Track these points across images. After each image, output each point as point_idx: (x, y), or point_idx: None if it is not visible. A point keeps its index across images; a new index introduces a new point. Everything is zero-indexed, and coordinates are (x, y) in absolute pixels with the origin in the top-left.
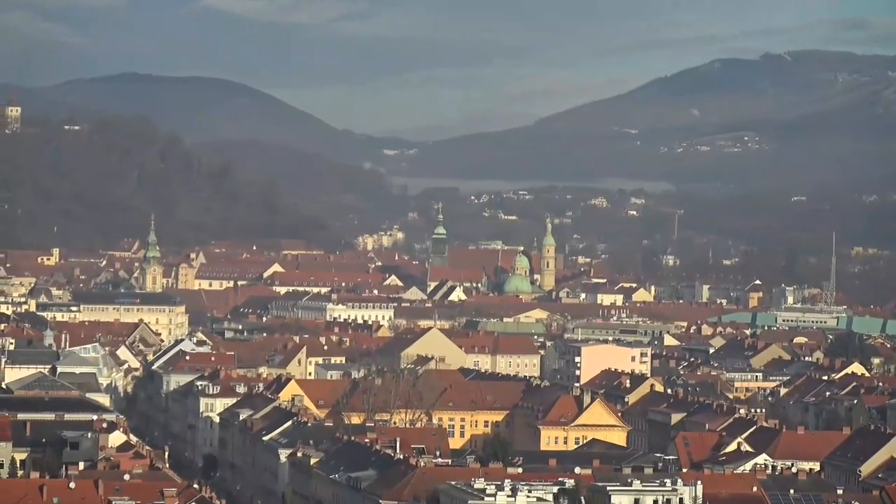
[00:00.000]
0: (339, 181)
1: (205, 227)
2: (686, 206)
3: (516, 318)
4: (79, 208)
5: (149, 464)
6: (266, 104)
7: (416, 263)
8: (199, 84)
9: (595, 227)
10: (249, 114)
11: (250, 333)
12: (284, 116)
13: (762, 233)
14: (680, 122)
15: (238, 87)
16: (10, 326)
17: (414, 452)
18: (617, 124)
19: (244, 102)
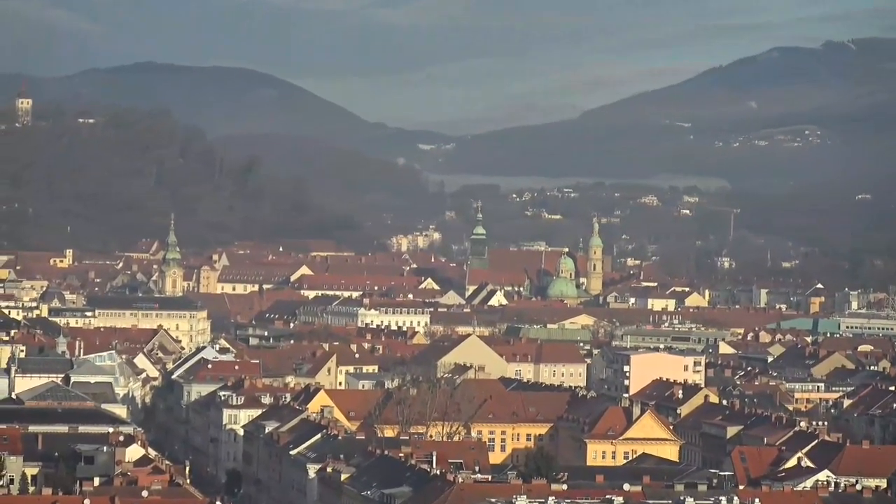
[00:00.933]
0: (372, 178)
1: (228, 227)
2: (742, 204)
3: (561, 325)
4: (93, 207)
5: (168, 479)
6: (293, 95)
7: (453, 266)
8: (221, 74)
9: (645, 226)
10: (275, 106)
11: (276, 340)
12: (313, 108)
13: (824, 233)
14: (736, 114)
15: (263, 78)
16: (20, 333)
17: (451, 468)
18: (669, 117)
19: (269, 94)
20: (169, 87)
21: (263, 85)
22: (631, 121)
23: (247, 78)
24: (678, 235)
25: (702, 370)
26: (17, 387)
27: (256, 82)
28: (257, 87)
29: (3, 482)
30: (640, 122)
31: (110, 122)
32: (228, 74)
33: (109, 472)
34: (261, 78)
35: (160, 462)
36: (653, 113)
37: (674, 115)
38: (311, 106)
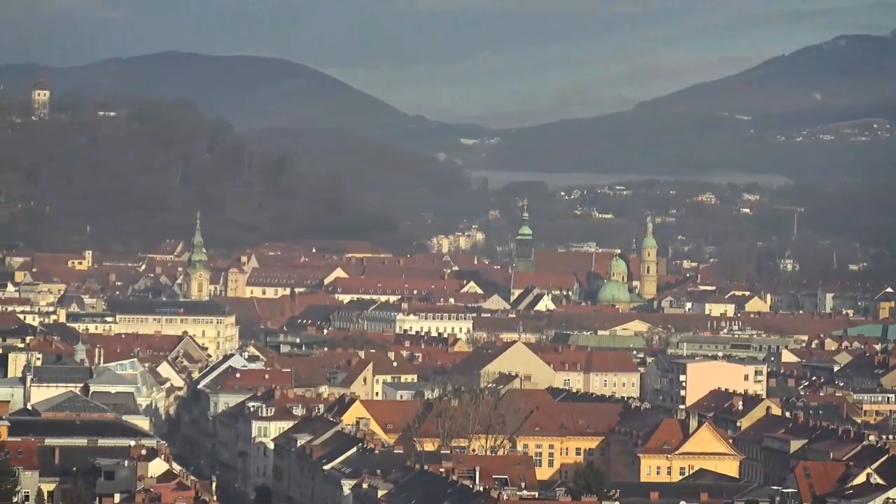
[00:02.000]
0: (411, 174)
1: (257, 227)
2: (806, 202)
3: (612, 331)
4: (114, 205)
5: (194, 496)
6: (326, 86)
7: (497, 268)
8: (249, 64)
9: (702, 226)
10: (307, 98)
11: (309, 348)
12: (347, 100)
13: (894, 234)
14: (799, 106)
15: (294, 67)
16: (36, 339)
17: (496, 484)
18: (728, 109)
19: (301, 85)
20: (194, 77)
21: (294, 75)
22: (687, 113)
23: (277, 68)
24: (738, 236)
25: (763, 380)
26: (32, 397)
27: (287, 72)
28: (288, 77)
29: (18, 499)
30: (697, 115)
31: (132, 115)
32: (257, 64)
33: (131, 487)
34: (292, 67)
35: (185, 477)
36: (711, 105)
37: (733, 108)
38: (345, 98)
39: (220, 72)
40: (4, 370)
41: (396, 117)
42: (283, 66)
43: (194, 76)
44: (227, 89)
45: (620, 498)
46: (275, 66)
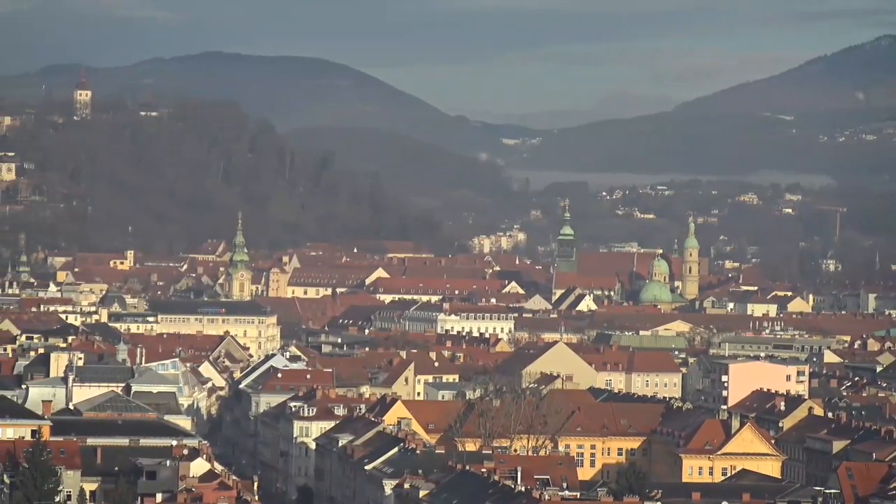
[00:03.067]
0: (452, 174)
1: (299, 227)
2: (849, 202)
3: (654, 331)
4: (157, 205)
5: (235, 496)
6: (369, 86)
7: (539, 268)
8: (292, 64)
9: (744, 227)
10: (350, 97)
11: (351, 348)
12: (390, 100)
13: None
14: (842, 106)
15: (337, 68)
16: (78, 339)
17: (537, 484)
18: (770, 109)
19: (344, 84)
20: (236, 77)
21: (337, 75)
22: (729, 113)
23: (319, 68)
24: (780, 236)
25: (805, 380)
26: (74, 397)
27: (329, 72)
28: (330, 77)
29: (60, 498)
30: (739, 115)
31: (175, 115)
32: (299, 64)
33: (173, 487)
34: (334, 68)
35: (227, 477)
36: (753, 105)
37: (775, 108)
38: (388, 98)
39: (262, 72)
40: (46, 370)
41: (438, 117)
42: (326, 67)
43: (237, 76)
44: (269, 89)
45: (662, 498)
46: (317, 66)
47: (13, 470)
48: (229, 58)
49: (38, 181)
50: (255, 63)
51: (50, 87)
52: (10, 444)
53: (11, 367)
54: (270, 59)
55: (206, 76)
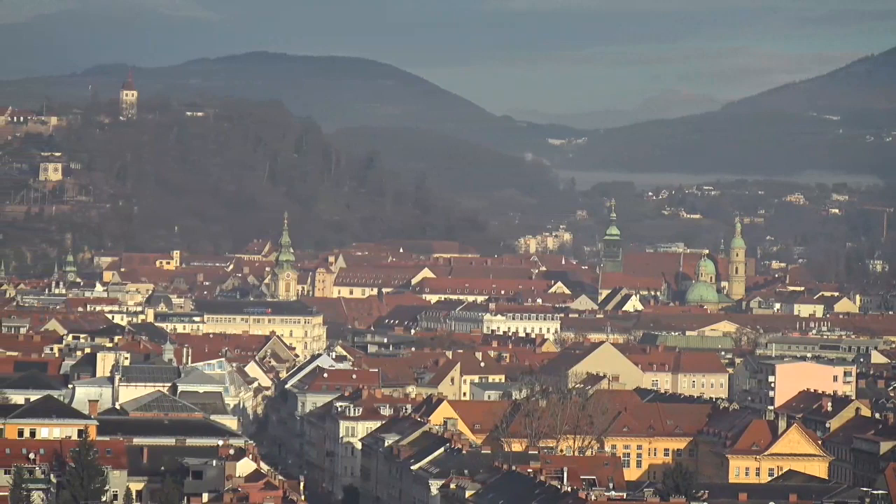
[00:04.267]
0: (498, 174)
1: (345, 227)
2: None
3: (700, 332)
4: (202, 205)
5: (282, 496)
6: (414, 86)
7: (585, 268)
8: (337, 64)
9: (791, 227)
10: (395, 97)
11: (396, 348)
12: (435, 100)
13: None
14: (889, 106)
15: (382, 68)
16: (125, 339)
17: (584, 484)
18: (816, 109)
19: (389, 85)
20: (282, 77)
21: (382, 75)
22: (776, 113)
23: (364, 67)
24: (827, 236)
25: (853, 381)
26: (121, 396)
27: (375, 72)
28: (376, 77)
29: (107, 498)
30: (785, 115)
31: (221, 115)
32: (345, 64)
33: (219, 487)
34: (379, 67)
35: (273, 477)
36: (799, 105)
37: (822, 108)
38: (433, 98)
39: (308, 71)
40: (93, 370)
41: (484, 117)
42: (371, 66)
43: (282, 76)
44: (315, 89)
45: (709, 499)
46: (363, 65)
47: (60, 469)
48: (274, 58)
49: (85, 181)
50: (300, 63)
51: (96, 87)
52: (57, 444)
53: (58, 366)
54: (315, 58)
55: (252, 76)
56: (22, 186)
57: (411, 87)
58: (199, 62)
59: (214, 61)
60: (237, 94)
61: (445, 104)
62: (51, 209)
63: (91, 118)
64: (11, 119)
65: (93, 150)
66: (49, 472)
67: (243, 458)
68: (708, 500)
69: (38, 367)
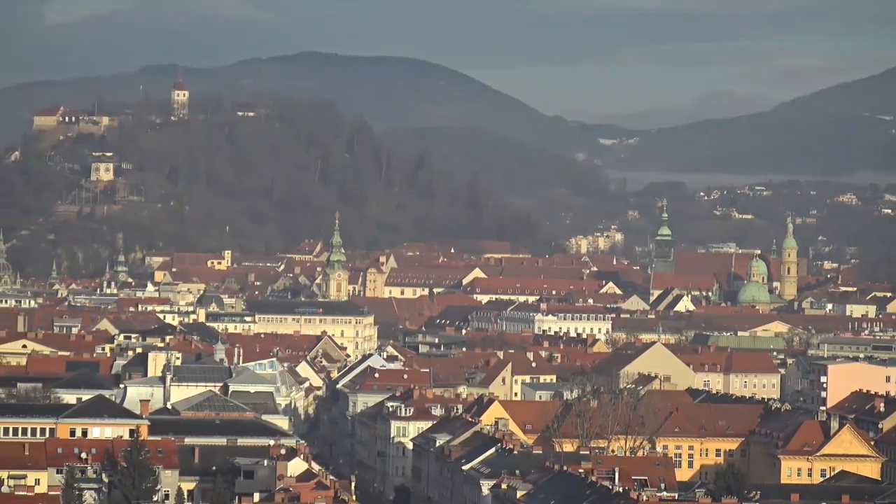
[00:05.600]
0: (549, 175)
1: (396, 227)
2: None
3: (752, 332)
4: (254, 205)
5: (333, 496)
6: (465, 87)
7: (636, 269)
8: (388, 64)
9: (843, 227)
10: (446, 98)
11: (448, 348)
12: (486, 101)
13: None
14: None
15: (433, 68)
16: (176, 339)
17: (635, 485)
18: (869, 109)
19: (440, 85)
20: (333, 78)
21: (433, 75)
22: (828, 113)
23: (415, 68)
24: (879, 237)
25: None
26: (172, 396)
27: (426, 73)
28: (426, 77)
29: (158, 497)
30: (837, 115)
31: (273, 115)
32: (396, 64)
33: (270, 487)
34: (430, 68)
35: (324, 477)
36: (852, 105)
37: (874, 108)
38: (484, 98)
39: (359, 72)
40: (144, 369)
41: (535, 118)
42: (422, 67)
43: (334, 76)
44: (366, 90)
45: (761, 500)
46: (414, 66)
47: (112, 469)
48: (326, 58)
49: (136, 181)
50: (351, 63)
51: (148, 87)
52: (109, 444)
53: (110, 366)
54: (367, 59)
55: (303, 76)
56: (74, 186)
57: (462, 87)
58: (250, 62)
59: (266, 62)
60: (288, 95)
61: (497, 104)
62: (102, 209)
63: (143, 118)
64: (63, 119)
65: (144, 150)
66: (101, 471)
67: (294, 458)
68: (760, 501)
69: (90, 367)
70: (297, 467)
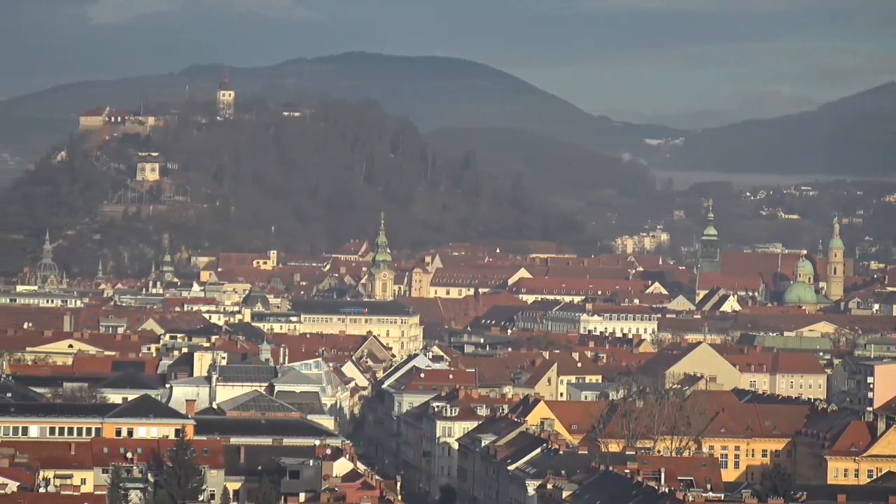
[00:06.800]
0: (595, 174)
1: (442, 227)
2: None
3: (798, 332)
4: (299, 205)
5: (378, 496)
6: (510, 86)
7: (682, 269)
8: (433, 64)
9: (890, 227)
10: (491, 98)
11: (493, 348)
12: (531, 100)
13: None
14: None
15: (478, 68)
16: (222, 339)
17: (681, 485)
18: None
19: (485, 85)
20: (379, 77)
21: (478, 75)
22: (874, 113)
23: (460, 68)
24: None
25: None
26: (218, 396)
27: (470, 73)
28: (471, 77)
29: (204, 497)
30: (884, 115)
31: (318, 115)
32: (440, 64)
33: (316, 487)
34: (475, 68)
35: (370, 477)
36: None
37: None
38: (529, 98)
39: (404, 72)
40: (190, 369)
41: (581, 118)
42: (468, 67)
43: (379, 76)
44: (411, 89)
45: (807, 500)
46: (458, 66)
47: (157, 469)
48: (371, 58)
49: (182, 181)
50: (396, 63)
51: (193, 87)
52: (155, 443)
53: (155, 366)
54: (412, 59)
55: (348, 76)
56: (120, 186)
57: (508, 87)
58: (295, 62)
59: (311, 62)
60: (334, 95)
61: (542, 104)
62: (148, 209)
63: (188, 118)
64: (109, 119)
65: (190, 151)
66: (146, 471)
67: (340, 457)
68: (806, 502)
69: (136, 367)
70: (342, 467)
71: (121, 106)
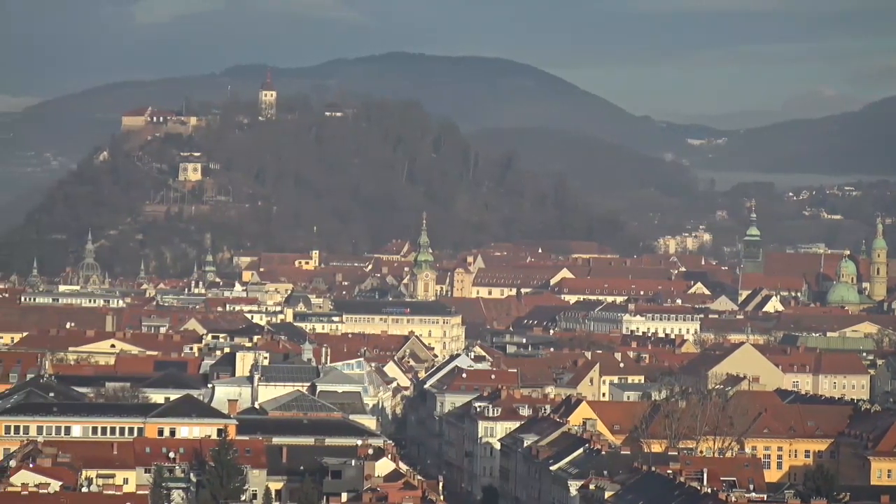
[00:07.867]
0: (637, 175)
1: (484, 227)
2: None
3: (842, 333)
4: (341, 205)
5: (420, 496)
6: (553, 87)
7: (725, 269)
8: (475, 64)
9: None
10: (534, 98)
11: (535, 348)
12: (574, 101)
13: None
14: None
15: (520, 68)
16: (264, 339)
17: (724, 486)
18: None
19: (528, 85)
20: (421, 77)
21: (520, 75)
22: None
23: (502, 68)
24: None
25: None
26: (260, 396)
27: (512, 72)
28: (513, 77)
29: (246, 497)
30: None
31: (360, 115)
32: (483, 64)
33: (358, 487)
34: (517, 68)
35: (412, 477)
36: None
37: None
38: (572, 98)
39: (446, 72)
40: (232, 369)
41: (623, 118)
42: (509, 67)
43: (420, 76)
44: (453, 89)
45: (851, 501)
46: (501, 66)
47: (199, 468)
48: (413, 58)
49: (224, 181)
50: (438, 63)
51: (235, 87)
52: (197, 443)
53: (198, 366)
54: (454, 59)
55: (390, 76)
56: (161, 186)
57: (550, 87)
58: (337, 63)
59: (353, 62)
60: (376, 95)
61: (584, 104)
62: (190, 209)
63: (230, 118)
64: (151, 119)
65: (232, 151)
66: (189, 471)
67: (382, 457)
68: (849, 503)
69: (178, 367)
70: (384, 467)
71: (163, 106)
